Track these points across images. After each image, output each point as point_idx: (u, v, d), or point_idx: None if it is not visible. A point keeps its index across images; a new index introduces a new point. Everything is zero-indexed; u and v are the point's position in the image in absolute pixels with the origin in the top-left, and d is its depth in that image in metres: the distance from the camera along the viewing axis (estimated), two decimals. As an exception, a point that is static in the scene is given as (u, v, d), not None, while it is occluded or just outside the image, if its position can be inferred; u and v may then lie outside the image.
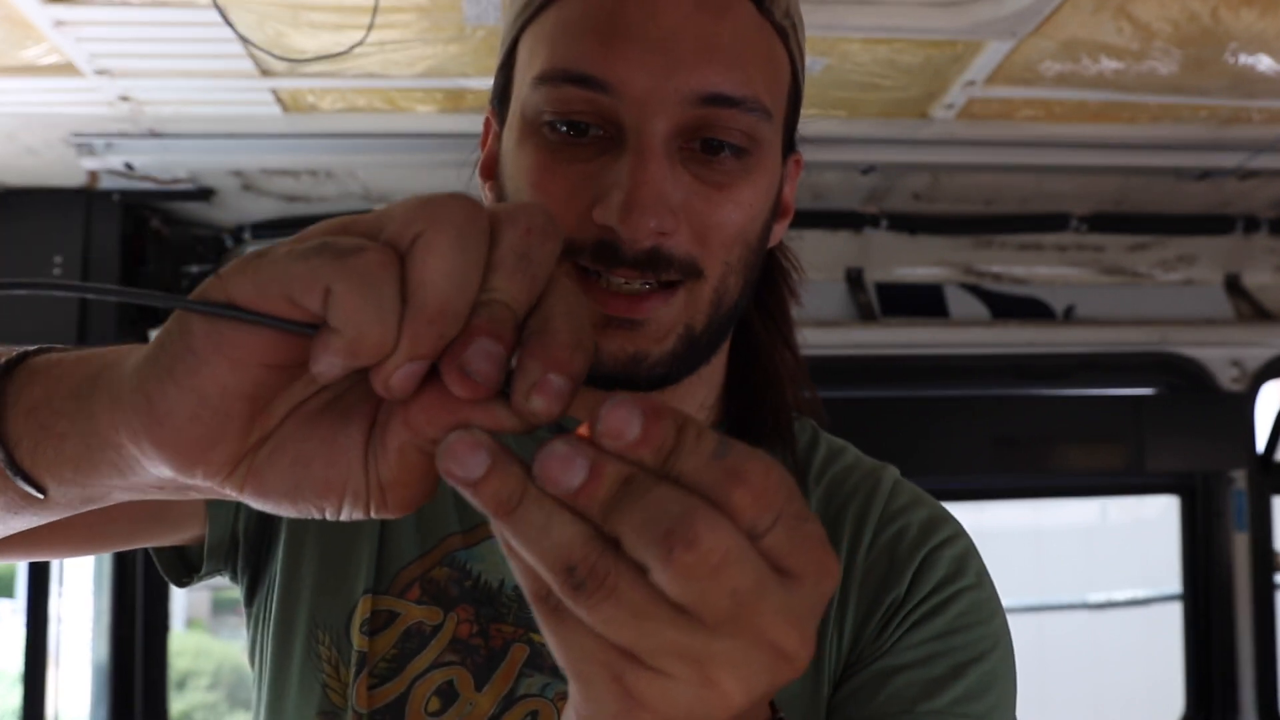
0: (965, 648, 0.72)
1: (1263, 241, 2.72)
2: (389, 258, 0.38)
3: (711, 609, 0.35)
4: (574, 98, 0.67)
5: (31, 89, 1.85)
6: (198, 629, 7.98)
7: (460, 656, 0.72)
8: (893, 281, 2.68)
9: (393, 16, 1.63)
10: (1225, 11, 1.66)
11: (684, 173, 0.68)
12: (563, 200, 0.67)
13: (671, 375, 0.71)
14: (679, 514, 0.35)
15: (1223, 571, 2.70)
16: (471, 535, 0.75)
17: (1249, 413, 2.71)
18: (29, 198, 2.24)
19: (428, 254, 0.37)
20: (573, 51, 0.67)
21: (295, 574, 0.76)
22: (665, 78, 0.66)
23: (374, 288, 0.37)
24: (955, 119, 2.06)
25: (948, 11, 1.66)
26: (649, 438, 0.36)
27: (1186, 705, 2.76)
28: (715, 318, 0.71)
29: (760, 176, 0.71)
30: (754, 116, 0.68)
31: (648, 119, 0.66)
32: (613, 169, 0.66)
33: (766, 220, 0.74)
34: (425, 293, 0.37)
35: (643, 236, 0.65)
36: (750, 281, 0.74)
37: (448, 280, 0.37)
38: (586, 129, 0.68)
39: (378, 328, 0.37)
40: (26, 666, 2.34)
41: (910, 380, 2.62)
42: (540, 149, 0.69)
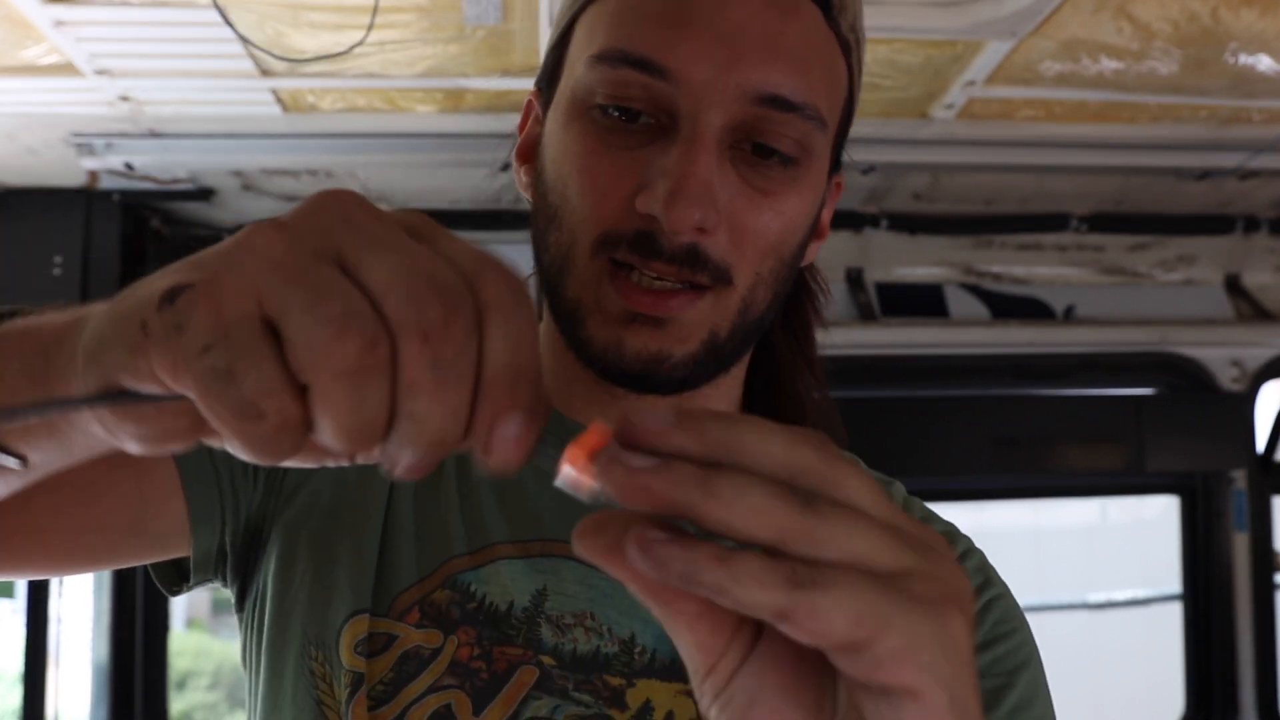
0: (1009, 656, 0.71)
1: (1263, 241, 2.71)
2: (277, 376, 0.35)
3: (892, 559, 0.35)
4: (630, 81, 0.65)
5: (31, 89, 1.85)
6: (198, 629, 7.98)
7: (459, 680, 0.70)
8: (893, 281, 2.68)
9: (393, 16, 1.63)
10: (1225, 11, 1.66)
11: (731, 172, 0.66)
12: (607, 185, 0.66)
13: (691, 380, 0.70)
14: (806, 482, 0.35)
15: (1223, 571, 2.70)
16: (477, 557, 0.73)
17: (1249, 413, 2.71)
18: (29, 198, 2.24)
19: (333, 381, 0.35)
20: (635, 33, 0.66)
21: (288, 587, 0.74)
22: (727, 70, 0.64)
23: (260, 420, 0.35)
24: (955, 119, 2.06)
25: (948, 11, 1.66)
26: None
27: (1186, 705, 2.76)
28: (740, 326, 0.70)
29: (806, 189, 0.69)
30: (810, 124, 0.67)
31: (703, 110, 0.64)
32: (661, 157, 0.65)
33: (804, 237, 0.72)
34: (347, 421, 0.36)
35: (684, 228, 0.64)
36: (779, 295, 0.72)
37: (358, 414, 0.35)
38: (638, 115, 0.66)
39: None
40: (26, 666, 2.34)
41: (910, 380, 2.62)
42: (588, 132, 0.67)
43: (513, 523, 0.74)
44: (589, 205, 0.67)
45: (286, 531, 0.75)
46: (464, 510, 0.74)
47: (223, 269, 0.36)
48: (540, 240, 0.72)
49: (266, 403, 0.35)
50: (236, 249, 0.37)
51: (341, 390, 0.35)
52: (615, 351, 0.67)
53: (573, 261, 0.68)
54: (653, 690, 0.70)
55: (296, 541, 0.75)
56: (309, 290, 0.35)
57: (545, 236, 0.71)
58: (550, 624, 0.71)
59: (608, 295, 0.67)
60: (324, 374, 0.35)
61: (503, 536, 0.73)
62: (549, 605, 0.71)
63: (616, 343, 0.67)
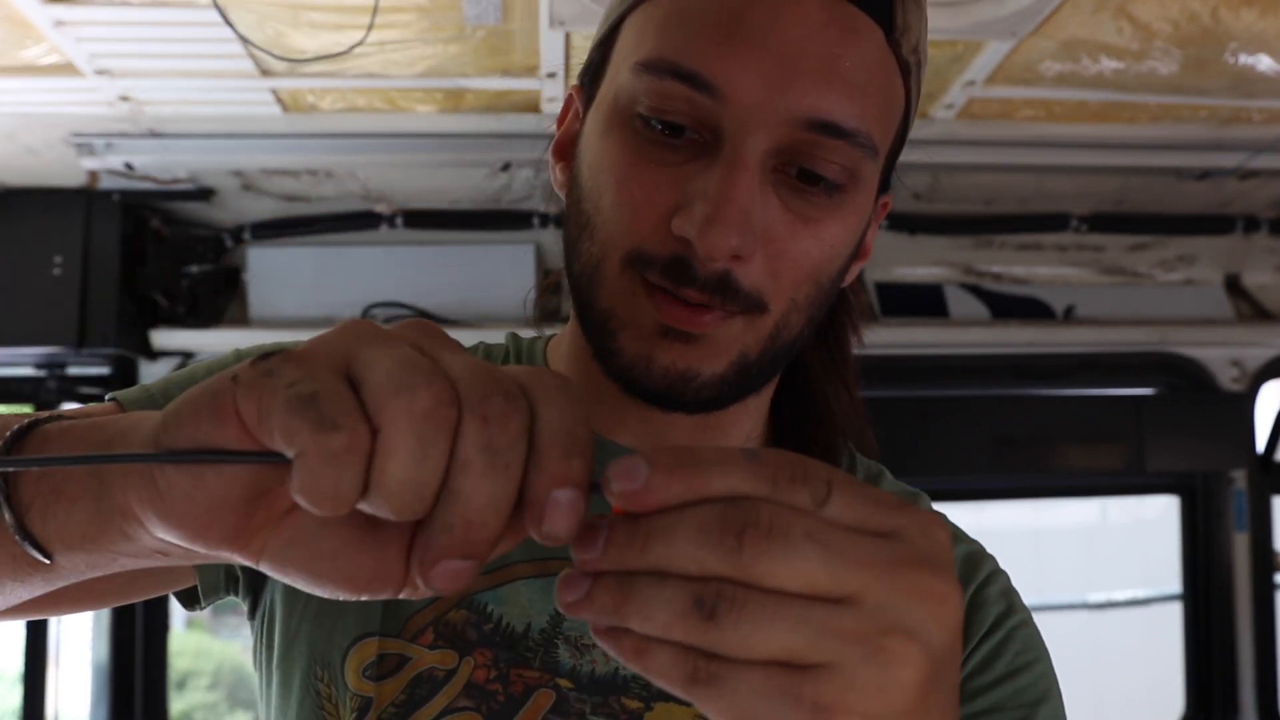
0: (1031, 688, 0.71)
1: (1263, 241, 2.71)
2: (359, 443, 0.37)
3: (832, 582, 0.37)
4: (675, 94, 0.62)
5: (31, 89, 1.85)
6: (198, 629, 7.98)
7: (475, 702, 0.69)
8: (893, 281, 2.67)
9: (393, 16, 1.63)
10: (1225, 11, 1.66)
11: (773, 196, 0.64)
12: (643, 201, 0.64)
13: (719, 400, 0.68)
14: (739, 515, 0.37)
15: (1223, 571, 2.70)
16: (494, 576, 0.72)
17: (1249, 413, 2.71)
18: (29, 198, 2.24)
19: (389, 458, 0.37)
20: (685, 44, 0.63)
21: (295, 605, 0.73)
22: (778, 92, 0.61)
23: (341, 470, 0.37)
24: (955, 119, 2.06)
25: (948, 11, 1.66)
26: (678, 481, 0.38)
27: (1186, 705, 2.76)
28: (771, 350, 0.68)
29: (850, 215, 0.67)
30: (860, 152, 0.64)
31: (749, 132, 0.62)
32: (701, 177, 0.62)
33: (845, 262, 0.70)
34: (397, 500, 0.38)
35: (719, 255, 0.61)
36: (814, 320, 0.70)
37: (411, 489, 0.37)
38: (682, 130, 0.63)
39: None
40: (26, 666, 2.34)
41: (910, 380, 2.62)
42: (628, 142, 0.65)
43: (531, 541, 0.73)
44: (624, 219, 0.65)
45: None
46: None
47: (313, 343, 0.40)
48: (571, 247, 0.70)
49: (343, 418, 0.37)
50: (318, 338, 0.40)
51: (408, 436, 0.37)
52: (644, 366, 0.66)
53: (603, 273, 0.67)
54: (670, 713, 0.69)
55: None
56: (392, 357, 0.38)
57: (577, 244, 0.69)
58: (569, 645, 0.70)
59: (642, 308, 0.65)
60: (398, 415, 0.37)
61: (521, 555, 0.72)
62: (567, 625, 0.70)
63: (646, 358, 0.65)
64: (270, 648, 0.75)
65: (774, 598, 0.37)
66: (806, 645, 0.37)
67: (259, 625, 0.77)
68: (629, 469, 0.38)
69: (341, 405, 0.37)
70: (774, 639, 0.37)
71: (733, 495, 0.38)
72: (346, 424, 0.36)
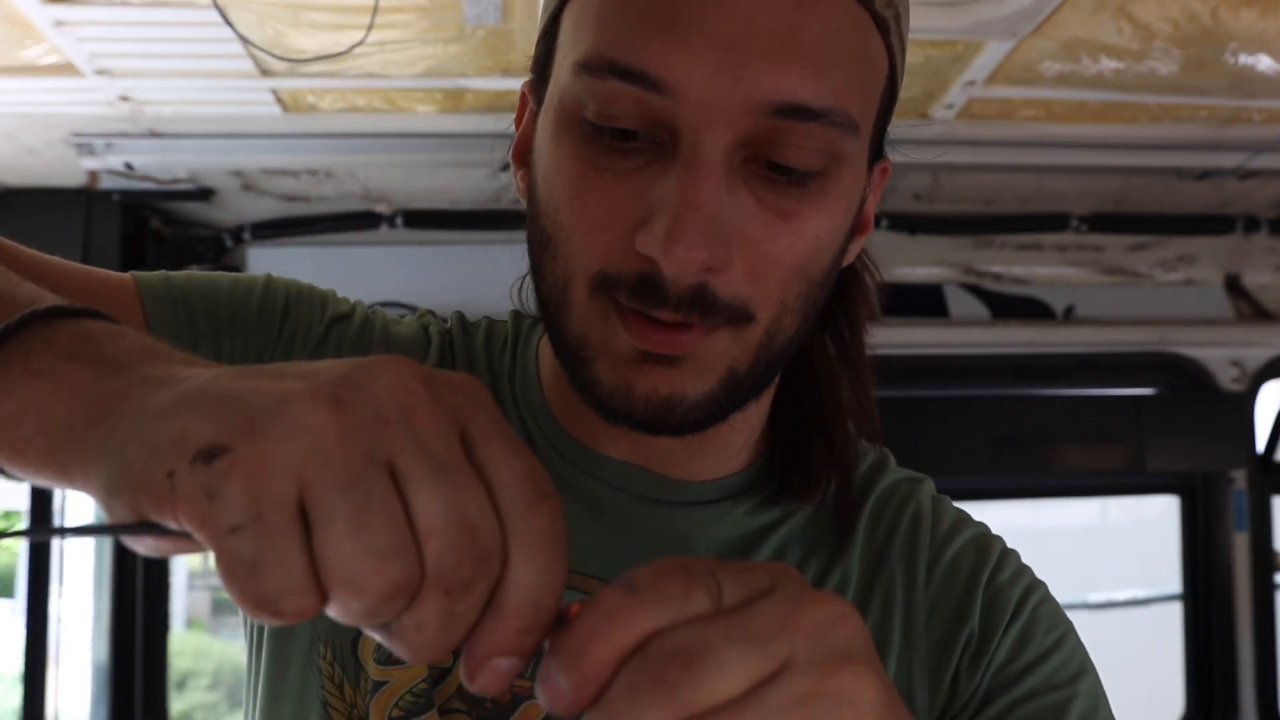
0: (1065, 666, 0.69)
1: (1263, 241, 2.71)
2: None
3: (768, 662, 0.37)
4: (620, 95, 0.56)
5: (31, 89, 1.85)
6: (198, 629, 7.98)
7: (468, 705, 0.67)
8: (893, 281, 2.67)
9: (393, 16, 1.63)
10: (1225, 11, 1.66)
11: (745, 193, 0.57)
12: (603, 217, 0.58)
13: (708, 421, 0.62)
14: (656, 657, 0.36)
15: (1223, 571, 2.70)
16: None
17: (1249, 413, 2.71)
18: (29, 198, 2.24)
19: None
20: (622, 38, 0.56)
21: None
22: (733, 79, 0.54)
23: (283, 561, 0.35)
24: (955, 119, 2.06)
25: (948, 11, 1.66)
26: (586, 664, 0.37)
27: (1186, 705, 2.76)
28: (763, 358, 0.62)
29: (836, 201, 0.60)
30: (836, 131, 0.57)
31: (706, 128, 0.55)
32: (661, 184, 0.56)
33: (838, 250, 0.63)
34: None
35: (687, 271, 0.55)
36: (810, 318, 0.64)
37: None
38: (634, 133, 0.57)
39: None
40: (26, 666, 2.34)
41: (910, 380, 2.62)
42: (578, 153, 0.59)
43: None
44: (585, 239, 0.59)
45: None
46: None
47: (269, 439, 0.35)
48: (536, 265, 0.64)
49: (286, 601, 0.35)
50: (287, 417, 0.35)
51: (361, 607, 0.35)
52: (624, 395, 0.60)
53: (571, 298, 0.61)
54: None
55: None
56: (357, 507, 0.35)
57: (541, 264, 0.63)
58: None
59: (615, 333, 0.59)
60: (350, 595, 0.35)
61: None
62: None
63: (625, 386, 0.60)
64: (262, 626, 0.73)
65: (731, 709, 0.36)
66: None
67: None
68: (552, 692, 0.37)
69: (285, 582, 0.34)
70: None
71: (644, 637, 0.37)
72: (288, 607, 0.35)
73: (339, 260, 2.44)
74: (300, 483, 0.35)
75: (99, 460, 0.38)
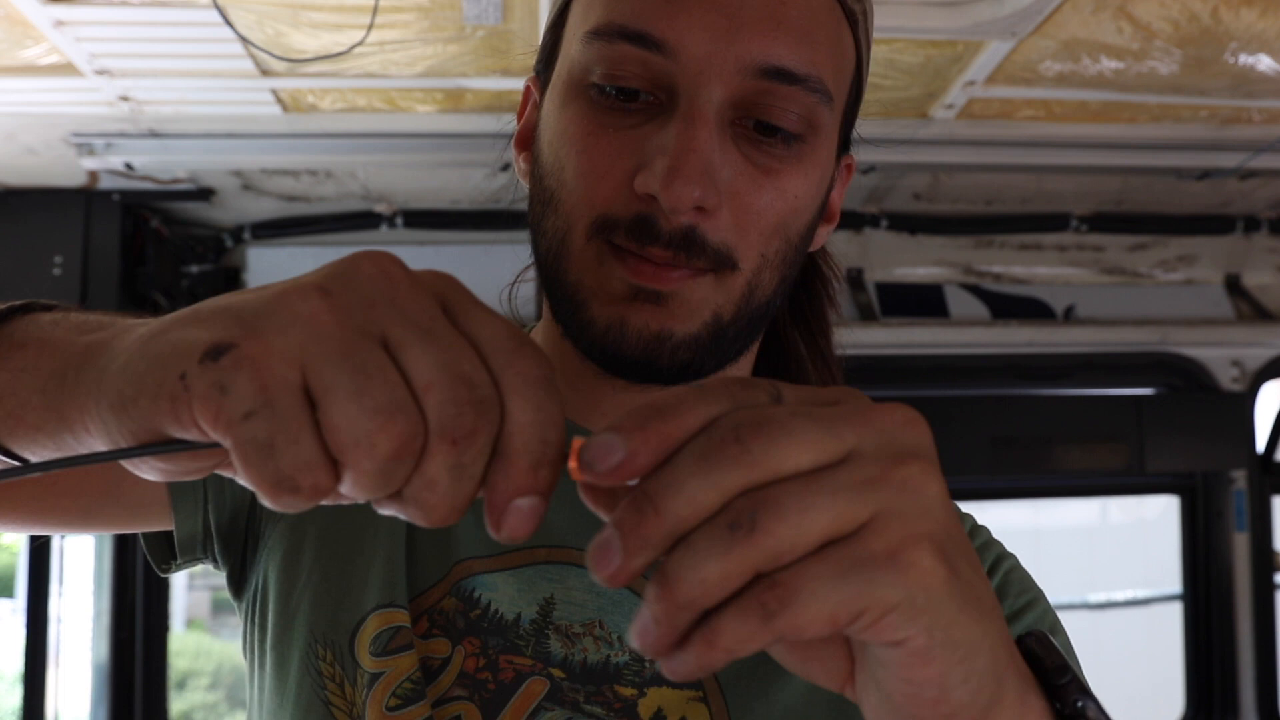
0: (1038, 624, 0.72)
1: (1263, 241, 2.72)
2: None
3: (835, 442, 0.38)
4: (627, 57, 0.63)
5: (31, 89, 1.85)
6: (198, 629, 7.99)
7: (469, 691, 0.68)
8: (893, 281, 2.68)
9: (393, 16, 1.63)
10: (1225, 11, 1.66)
11: (733, 150, 0.64)
12: (605, 166, 0.64)
13: (695, 364, 0.66)
14: (728, 427, 0.37)
15: (1223, 571, 2.70)
16: (492, 561, 0.72)
17: (1249, 413, 2.71)
18: (29, 198, 2.24)
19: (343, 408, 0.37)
20: (631, 7, 0.64)
21: (294, 585, 0.72)
22: (727, 43, 0.62)
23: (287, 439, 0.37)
24: (955, 119, 2.06)
25: (948, 11, 1.66)
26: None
27: (1186, 705, 2.76)
28: (745, 310, 0.67)
29: (813, 168, 0.67)
30: (815, 98, 0.64)
31: (703, 84, 0.62)
32: (660, 135, 0.63)
33: (812, 218, 0.70)
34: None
35: (683, 206, 0.62)
36: (786, 280, 0.70)
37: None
38: (636, 94, 0.64)
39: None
40: (26, 666, 2.34)
41: (910, 380, 2.62)
42: (585, 112, 0.65)
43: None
44: (586, 187, 0.65)
45: (290, 529, 0.74)
46: (473, 515, 0.72)
47: (267, 332, 0.38)
48: (536, 226, 0.70)
49: (302, 477, 0.37)
50: (281, 311, 0.38)
51: (374, 470, 0.37)
52: (618, 331, 0.65)
53: (569, 245, 0.66)
54: (664, 698, 0.69)
55: (303, 539, 0.73)
56: (356, 374, 0.37)
57: (542, 222, 0.69)
58: (559, 635, 0.70)
59: (610, 272, 0.65)
60: (360, 462, 0.37)
61: (504, 547, 0.72)
62: (557, 614, 0.70)
63: (620, 322, 0.65)
64: (264, 629, 0.74)
65: (798, 482, 0.37)
66: (849, 506, 0.37)
67: (250, 605, 0.76)
68: (605, 446, 0.37)
69: (300, 457, 0.37)
70: (820, 515, 0.36)
71: (709, 420, 0.38)
72: (305, 482, 0.37)
73: (339, 260, 2.44)
74: (302, 366, 0.37)
75: (99, 390, 0.40)
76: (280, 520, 0.74)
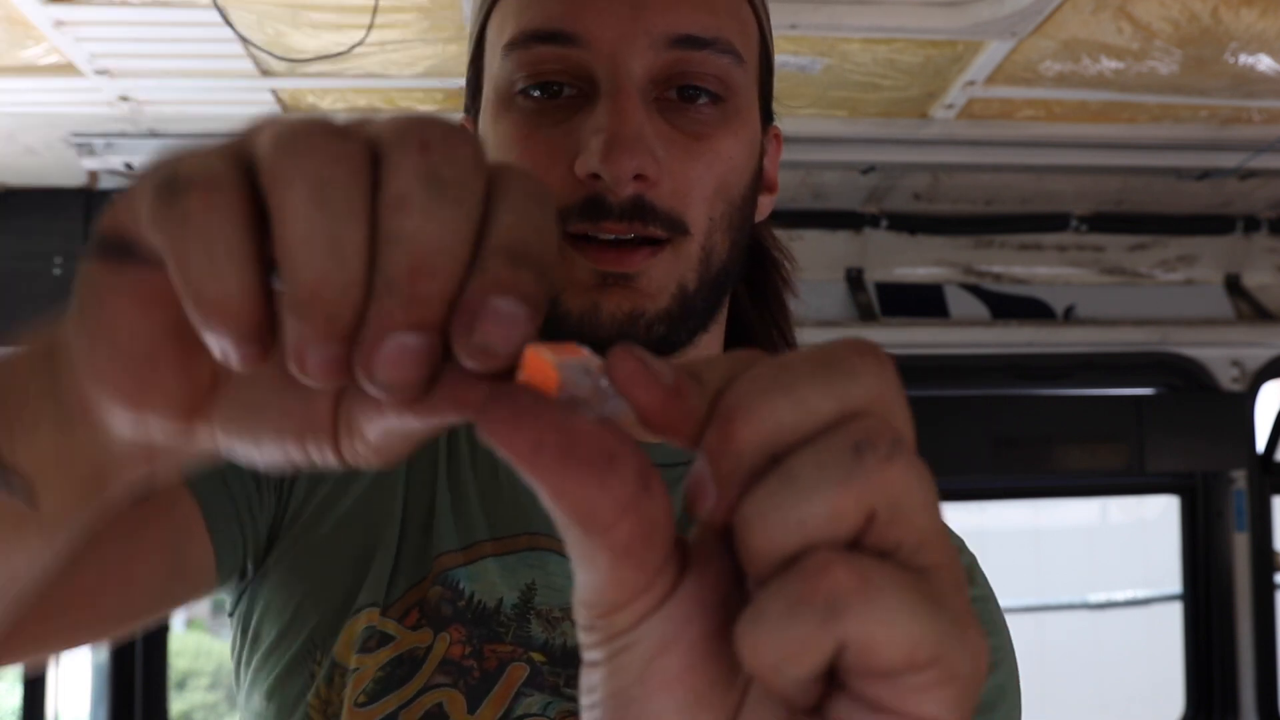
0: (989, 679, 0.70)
1: (1263, 241, 2.72)
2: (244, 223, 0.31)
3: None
4: (544, 57, 0.67)
5: (31, 89, 1.85)
6: (198, 629, 7.99)
7: (452, 678, 0.69)
8: (893, 281, 2.68)
9: (393, 16, 1.63)
10: (1225, 11, 1.66)
11: (661, 123, 0.67)
12: (544, 163, 0.67)
13: (670, 336, 0.69)
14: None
15: (1223, 571, 2.71)
16: (468, 553, 0.73)
17: (1249, 413, 2.71)
18: (29, 198, 2.24)
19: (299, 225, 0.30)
20: (538, 13, 0.68)
21: (290, 597, 0.72)
22: (633, 22, 0.66)
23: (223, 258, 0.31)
24: (955, 119, 2.06)
25: (948, 11, 1.66)
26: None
27: (1186, 705, 2.76)
28: (706, 276, 0.69)
29: (740, 127, 0.70)
30: (727, 59, 0.68)
31: (620, 64, 0.66)
32: (590, 119, 0.66)
33: (750, 180, 0.72)
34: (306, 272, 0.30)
35: (625, 175, 0.64)
36: (737, 244, 0.72)
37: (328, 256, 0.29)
38: (560, 90, 0.68)
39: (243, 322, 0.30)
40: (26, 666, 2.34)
41: (910, 380, 2.58)
42: (517, 121, 0.68)
43: (499, 517, 0.74)
44: None
45: (293, 542, 0.74)
46: (454, 507, 0.75)
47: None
48: None
49: (199, 183, 0.33)
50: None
51: (300, 187, 0.30)
52: (592, 316, 0.67)
53: None
54: None
55: (299, 551, 0.73)
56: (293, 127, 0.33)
57: None
58: (540, 619, 0.71)
59: (575, 263, 0.67)
60: (287, 172, 0.31)
61: (489, 532, 0.74)
62: (538, 599, 0.72)
63: (592, 307, 0.67)
64: (256, 638, 0.73)
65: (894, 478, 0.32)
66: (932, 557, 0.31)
67: (245, 618, 0.75)
68: (699, 481, 0.31)
69: (211, 173, 0.32)
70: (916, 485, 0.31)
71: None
72: (216, 186, 0.31)
73: (339, 260, 2.44)
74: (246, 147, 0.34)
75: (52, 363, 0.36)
76: (285, 536, 0.74)
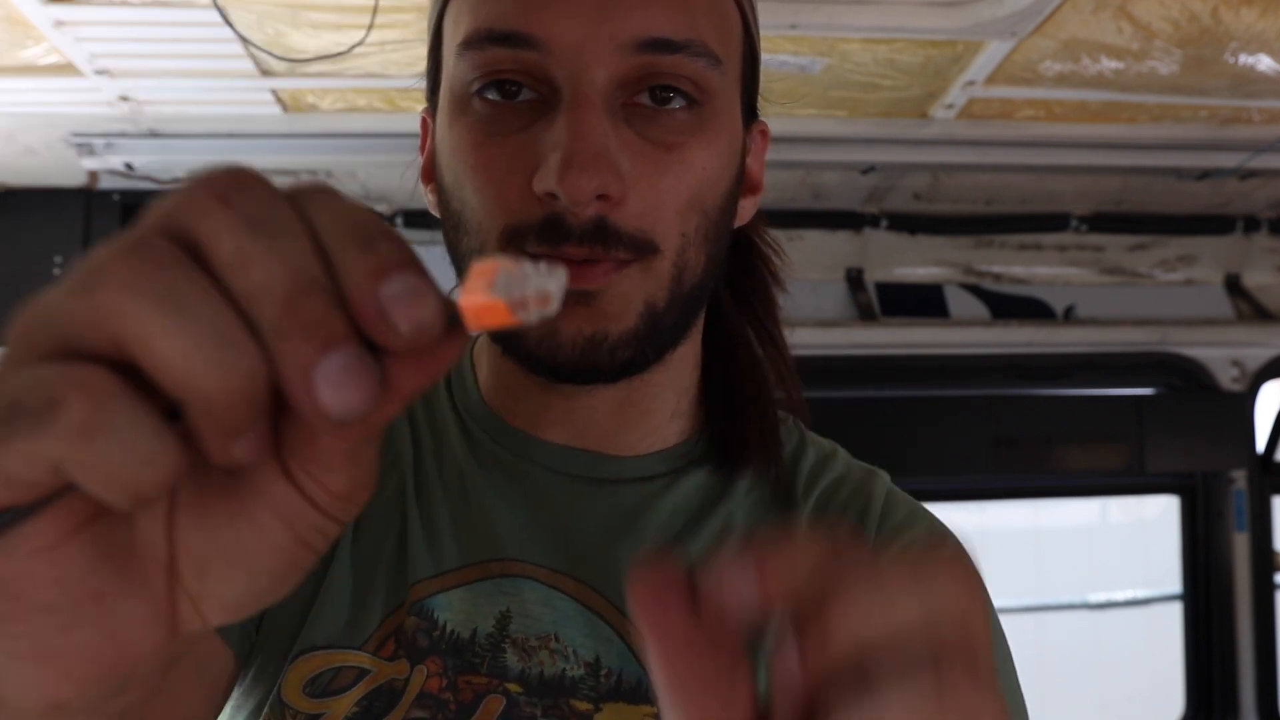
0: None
1: (1263, 241, 2.72)
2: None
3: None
4: (500, 59, 0.61)
5: (31, 89, 1.85)
6: None
7: (430, 712, 0.66)
8: (893, 281, 2.68)
9: (393, 16, 1.63)
10: (1225, 11, 1.66)
11: (628, 132, 0.61)
12: (501, 175, 0.62)
13: (636, 360, 0.64)
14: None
15: (1223, 571, 2.71)
16: (444, 580, 0.69)
17: (1249, 413, 2.71)
18: (29, 198, 2.24)
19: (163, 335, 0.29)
20: (495, 10, 0.62)
21: (272, 637, 0.68)
22: (598, 24, 0.60)
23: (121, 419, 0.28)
24: (955, 119, 2.06)
25: (948, 11, 1.66)
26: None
27: (1186, 705, 2.76)
28: (678, 295, 0.64)
29: (716, 135, 0.64)
30: (702, 63, 0.62)
31: (582, 71, 0.60)
32: (550, 131, 0.60)
33: (728, 188, 0.67)
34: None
35: (584, 197, 0.58)
36: (714, 257, 0.66)
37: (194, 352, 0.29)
38: (518, 90, 0.62)
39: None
40: (26, 666, 2.34)
41: (910, 380, 2.62)
42: (472, 125, 0.63)
43: (472, 544, 0.71)
44: (488, 200, 0.62)
45: None
46: (426, 534, 0.71)
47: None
48: (454, 251, 0.66)
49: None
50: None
51: (167, 330, 0.29)
52: (551, 341, 0.62)
53: None
54: (620, 714, 0.67)
55: None
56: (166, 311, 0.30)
57: (457, 246, 0.66)
58: (516, 648, 0.68)
59: None
60: (135, 322, 0.29)
61: (461, 559, 0.70)
62: (513, 627, 0.68)
63: (551, 331, 0.62)
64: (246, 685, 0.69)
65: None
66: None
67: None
68: (787, 674, 0.30)
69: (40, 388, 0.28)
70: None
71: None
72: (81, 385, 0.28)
73: (339, 260, 2.44)
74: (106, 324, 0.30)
75: None
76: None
